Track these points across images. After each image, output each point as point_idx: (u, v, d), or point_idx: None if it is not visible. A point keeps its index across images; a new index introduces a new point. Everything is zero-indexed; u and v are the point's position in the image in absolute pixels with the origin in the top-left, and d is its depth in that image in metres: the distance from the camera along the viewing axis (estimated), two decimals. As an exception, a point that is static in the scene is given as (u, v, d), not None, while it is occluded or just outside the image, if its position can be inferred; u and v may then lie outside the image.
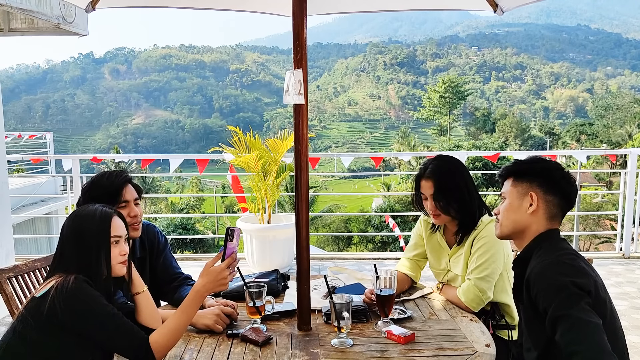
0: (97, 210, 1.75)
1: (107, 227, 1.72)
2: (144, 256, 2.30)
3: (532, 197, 1.69)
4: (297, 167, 1.91)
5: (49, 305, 1.55)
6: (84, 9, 2.43)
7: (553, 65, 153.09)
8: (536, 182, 1.70)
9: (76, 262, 1.67)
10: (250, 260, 5.33)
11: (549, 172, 1.71)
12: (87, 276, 1.64)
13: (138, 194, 2.23)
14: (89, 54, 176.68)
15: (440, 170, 2.25)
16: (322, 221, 33.63)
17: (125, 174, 2.20)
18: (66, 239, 1.72)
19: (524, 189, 1.72)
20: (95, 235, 1.70)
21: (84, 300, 1.59)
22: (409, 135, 73.72)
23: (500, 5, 2.46)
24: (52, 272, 1.69)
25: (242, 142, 5.48)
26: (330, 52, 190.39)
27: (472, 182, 2.29)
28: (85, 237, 1.69)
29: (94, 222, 1.72)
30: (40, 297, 1.59)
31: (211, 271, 1.74)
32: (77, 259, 1.67)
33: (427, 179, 2.25)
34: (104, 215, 1.74)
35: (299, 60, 1.84)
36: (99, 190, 2.12)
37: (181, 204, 41.41)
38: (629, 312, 4.24)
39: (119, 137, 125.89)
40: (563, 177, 1.70)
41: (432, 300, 2.27)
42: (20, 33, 5.46)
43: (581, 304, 1.42)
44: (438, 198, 2.22)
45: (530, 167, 1.74)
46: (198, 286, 1.73)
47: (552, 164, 1.74)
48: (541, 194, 1.69)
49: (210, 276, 1.74)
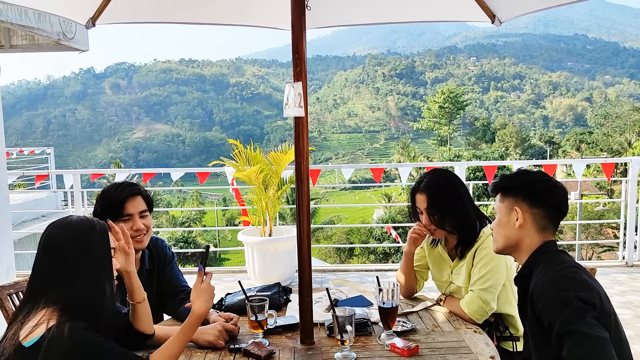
0: (91, 221, 1.54)
1: (108, 239, 1.55)
2: (151, 268, 2.32)
3: (517, 211, 1.69)
4: (298, 179, 1.91)
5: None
6: (84, 25, 2.45)
7: (551, 75, 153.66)
8: (520, 195, 1.70)
9: (74, 292, 1.42)
10: (252, 273, 5.31)
11: (531, 185, 1.70)
12: (88, 314, 1.42)
13: (148, 206, 2.24)
14: (89, 69, 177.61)
15: (434, 184, 2.26)
16: (323, 233, 33.58)
17: (133, 187, 2.20)
18: (57, 257, 1.45)
19: (510, 203, 1.72)
20: (102, 250, 1.52)
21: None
22: (409, 146, 73.89)
23: (498, 16, 2.48)
24: (34, 302, 1.41)
25: (243, 155, 5.49)
26: (329, 65, 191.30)
27: (467, 195, 2.29)
28: (90, 254, 1.49)
29: (96, 234, 1.52)
30: (29, 348, 1.34)
31: (203, 291, 1.74)
32: (75, 287, 1.43)
33: (422, 192, 2.26)
34: (103, 226, 1.55)
35: (298, 73, 1.85)
36: (105, 202, 2.16)
37: (182, 217, 41.40)
38: (633, 322, 4.21)
39: (119, 152, 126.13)
40: (547, 188, 1.69)
41: (435, 312, 2.25)
42: (21, 49, 5.48)
43: (587, 318, 1.40)
44: (432, 212, 2.23)
45: (514, 182, 1.74)
46: (196, 309, 1.72)
47: (536, 176, 1.74)
48: (526, 207, 1.69)
49: (205, 295, 1.74)
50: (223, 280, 5.53)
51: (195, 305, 1.73)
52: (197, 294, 1.74)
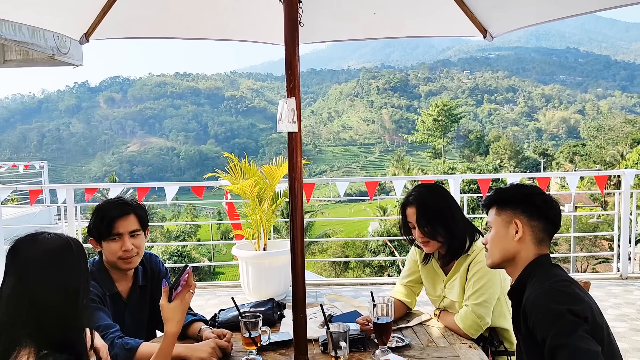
0: (67, 238, 1.38)
1: (85, 259, 1.40)
2: (145, 285, 2.30)
3: (517, 225, 1.69)
4: (292, 194, 1.90)
5: None
6: (78, 40, 2.45)
7: (544, 88, 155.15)
8: (519, 208, 1.71)
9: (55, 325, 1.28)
10: (246, 288, 5.28)
11: (530, 198, 1.71)
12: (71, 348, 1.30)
13: (142, 224, 2.19)
14: (84, 83, 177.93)
15: (423, 196, 2.29)
16: (319, 246, 33.49)
17: (125, 206, 2.15)
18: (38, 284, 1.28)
19: (508, 216, 1.72)
20: (80, 274, 1.36)
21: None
22: (403, 159, 74.11)
23: (489, 32, 2.50)
24: (7, 337, 1.24)
25: (238, 169, 5.48)
26: (324, 78, 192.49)
27: (456, 206, 2.31)
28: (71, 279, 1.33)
29: (73, 254, 1.36)
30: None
31: (175, 310, 1.68)
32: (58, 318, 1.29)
33: (411, 205, 2.28)
34: (78, 243, 1.39)
35: (292, 89, 1.85)
36: (97, 219, 2.13)
37: (177, 231, 41.23)
38: (629, 334, 4.20)
39: (114, 165, 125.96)
40: (545, 201, 1.70)
41: (430, 327, 2.24)
42: (15, 64, 5.49)
43: (579, 331, 1.40)
44: (422, 224, 2.23)
45: (512, 195, 1.75)
46: (169, 330, 1.68)
47: (533, 190, 1.76)
48: (525, 220, 1.69)
49: (178, 315, 1.68)
50: (217, 295, 5.49)
51: (168, 326, 1.68)
52: (170, 313, 1.68)
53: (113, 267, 2.17)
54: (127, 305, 2.23)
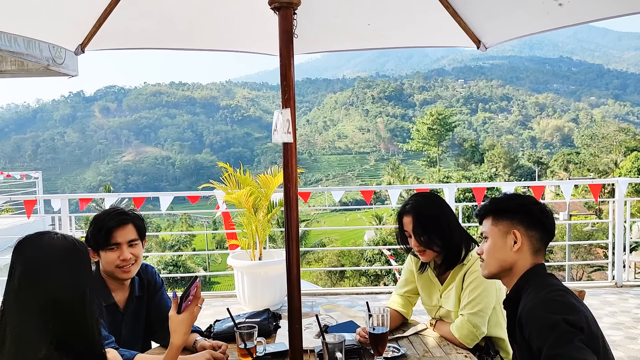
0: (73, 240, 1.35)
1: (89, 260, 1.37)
2: (141, 295, 2.29)
3: (515, 235, 1.69)
4: (287, 204, 1.90)
5: None
6: (74, 51, 2.46)
7: (538, 96, 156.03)
8: (516, 219, 1.71)
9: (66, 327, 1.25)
10: (242, 298, 5.25)
11: (527, 208, 1.72)
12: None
13: (140, 234, 2.19)
14: (79, 93, 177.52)
15: (419, 205, 2.30)
16: (314, 255, 33.40)
17: (123, 216, 2.15)
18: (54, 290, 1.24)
19: (506, 227, 1.72)
20: (87, 275, 1.33)
21: None
22: (398, 167, 74.21)
23: (483, 42, 2.52)
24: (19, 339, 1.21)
25: (233, 179, 5.47)
26: (319, 87, 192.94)
27: (452, 215, 2.32)
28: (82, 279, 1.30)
29: (80, 255, 1.33)
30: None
31: (183, 322, 1.70)
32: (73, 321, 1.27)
33: (408, 214, 2.29)
34: (83, 245, 1.38)
35: (287, 99, 1.86)
36: (95, 229, 2.13)
37: (172, 241, 41.02)
38: (624, 343, 4.20)
39: (109, 175, 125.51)
40: (541, 211, 1.72)
41: (426, 336, 2.24)
42: (10, 75, 5.49)
43: (574, 341, 1.40)
44: (418, 232, 2.24)
45: (508, 205, 1.75)
46: (175, 342, 1.69)
47: (529, 200, 1.76)
48: (523, 231, 1.70)
49: (185, 327, 1.70)
50: (212, 306, 5.46)
51: (174, 337, 1.69)
52: (177, 325, 1.69)
53: (110, 277, 2.17)
54: (124, 316, 2.22)
